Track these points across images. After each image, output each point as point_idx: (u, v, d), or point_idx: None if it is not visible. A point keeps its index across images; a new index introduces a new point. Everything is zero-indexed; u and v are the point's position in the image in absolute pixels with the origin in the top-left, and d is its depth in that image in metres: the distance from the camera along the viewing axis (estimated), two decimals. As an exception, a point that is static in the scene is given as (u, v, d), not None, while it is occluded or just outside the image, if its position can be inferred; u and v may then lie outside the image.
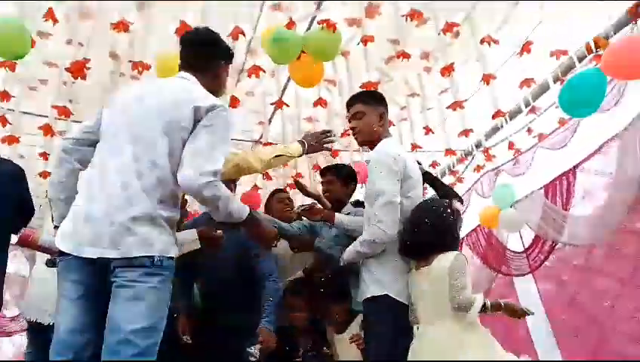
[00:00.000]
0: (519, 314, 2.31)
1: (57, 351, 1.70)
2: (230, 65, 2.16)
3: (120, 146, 1.78)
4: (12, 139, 3.79)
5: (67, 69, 3.28)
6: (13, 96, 3.75)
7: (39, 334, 2.52)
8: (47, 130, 3.67)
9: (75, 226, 1.73)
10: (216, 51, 2.07)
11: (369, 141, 2.55)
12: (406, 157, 2.44)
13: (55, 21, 3.11)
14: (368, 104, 2.55)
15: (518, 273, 5.11)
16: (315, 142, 2.57)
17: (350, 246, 2.42)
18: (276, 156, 2.37)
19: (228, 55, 2.12)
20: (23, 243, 2.08)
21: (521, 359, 2.22)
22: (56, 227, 1.89)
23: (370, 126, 2.51)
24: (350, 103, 2.62)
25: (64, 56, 3.50)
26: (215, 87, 2.02)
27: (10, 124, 3.86)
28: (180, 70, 2.02)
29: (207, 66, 2.02)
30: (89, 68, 3.28)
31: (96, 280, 1.72)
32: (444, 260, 2.26)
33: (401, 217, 2.32)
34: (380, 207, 2.26)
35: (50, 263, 1.91)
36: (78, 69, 3.21)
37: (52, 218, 1.96)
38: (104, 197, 1.72)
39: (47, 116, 3.97)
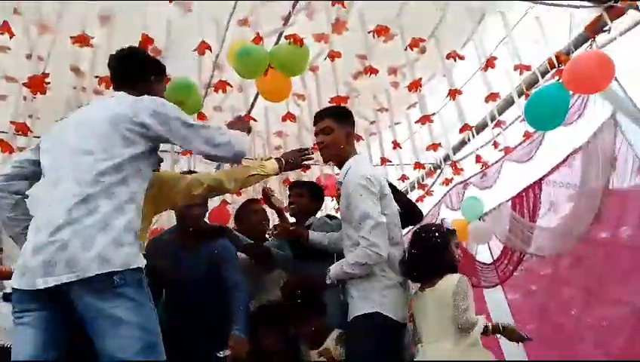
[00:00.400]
0: (517, 338, 2.49)
1: None
2: (200, 80, 2.19)
3: (63, 174, 1.73)
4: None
5: (25, 84, 3.17)
6: (-30, 112, 3.61)
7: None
8: (6, 146, 3.52)
9: (24, 261, 1.66)
10: (145, 67, 2.08)
11: (335, 157, 2.53)
12: (379, 174, 2.43)
13: (11, 35, 3.01)
14: (336, 120, 2.53)
15: (488, 284, 5.15)
16: (292, 160, 2.51)
17: (336, 266, 2.37)
18: (251, 175, 2.31)
19: (159, 69, 2.14)
20: None
21: None
22: None
23: (338, 143, 2.49)
24: (318, 118, 2.59)
25: (24, 70, 3.39)
26: None
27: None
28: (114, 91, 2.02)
29: (138, 83, 2.01)
30: (48, 83, 3.17)
31: (53, 307, 1.66)
32: (448, 282, 2.37)
33: None
34: (370, 231, 2.23)
35: (5, 298, 1.83)
36: (38, 84, 3.11)
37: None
38: (51, 225, 1.64)
39: (6, 132, 3.82)
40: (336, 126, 2.51)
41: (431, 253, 2.44)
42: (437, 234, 2.51)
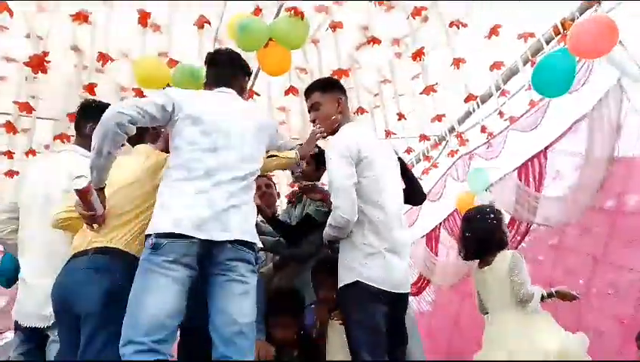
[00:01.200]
0: (569, 297, 2.83)
1: (149, 330, 1.71)
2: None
3: (229, 158, 2.02)
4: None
5: (26, 64, 3.17)
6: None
7: (32, 337, 2.40)
8: (10, 127, 3.55)
9: (201, 216, 1.87)
10: (245, 69, 2.39)
11: (330, 130, 2.51)
12: (360, 139, 2.39)
13: (11, 14, 3.00)
14: (324, 93, 2.52)
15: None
16: (306, 144, 2.60)
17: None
18: (269, 156, 2.41)
19: (249, 72, 2.45)
20: (83, 194, 1.97)
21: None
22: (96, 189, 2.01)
23: (328, 115, 2.49)
24: (307, 94, 2.59)
25: (23, 50, 3.39)
26: (244, 98, 2.36)
27: (-29, 122, 3.73)
28: (211, 85, 2.29)
29: (239, 83, 2.33)
30: (49, 62, 3.17)
31: (199, 266, 1.87)
32: (504, 259, 2.74)
33: (361, 197, 2.30)
34: (333, 194, 2.27)
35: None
36: (38, 64, 3.11)
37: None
38: (227, 192, 1.94)
39: (9, 114, 3.84)
40: (324, 98, 2.51)
41: (487, 233, 2.82)
42: (492, 215, 2.88)
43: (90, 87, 3.45)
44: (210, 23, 3.29)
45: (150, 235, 1.85)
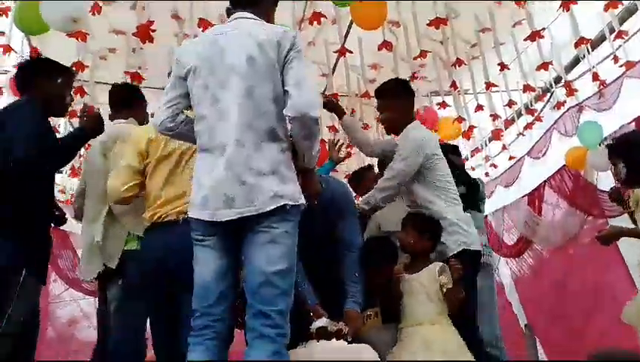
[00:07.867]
0: None
1: (199, 297, 1.77)
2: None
3: (224, 106, 1.78)
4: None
5: (134, 34, 3.34)
6: (87, 66, 3.88)
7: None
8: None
9: (205, 193, 1.76)
10: None
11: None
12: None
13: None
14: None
15: (612, 214, 4.75)
16: None
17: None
18: None
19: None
20: None
21: None
22: None
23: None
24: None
25: (129, 22, 3.58)
26: None
27: (87, 94, 4.01)
28: (233, 8, 1.97)
29: (260, 7, 1.98)
30: (154, 30, 3.32)
31: (230, 234, 1.78)
32: None
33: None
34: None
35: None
36: (145, 33, 3.27)
37: None
38: (225, 160, 1.74)
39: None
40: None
41: None
42: None
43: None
44: (303, -21, 3.26)
45: None
